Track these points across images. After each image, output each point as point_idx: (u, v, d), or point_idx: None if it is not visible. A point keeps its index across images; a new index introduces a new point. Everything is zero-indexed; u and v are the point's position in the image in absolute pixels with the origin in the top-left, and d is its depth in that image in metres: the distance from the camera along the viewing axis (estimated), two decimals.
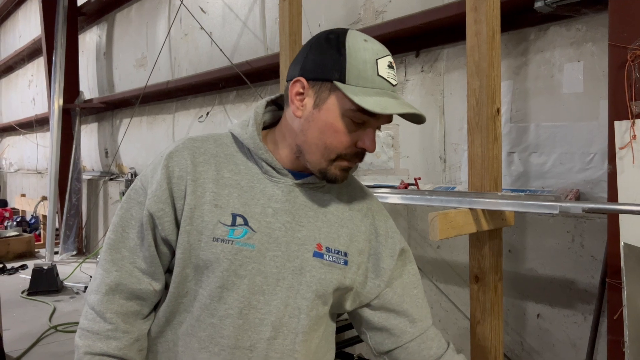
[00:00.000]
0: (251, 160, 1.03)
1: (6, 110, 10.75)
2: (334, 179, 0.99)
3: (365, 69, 0.93)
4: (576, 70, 2.14)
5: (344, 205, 1.08)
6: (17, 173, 10.07)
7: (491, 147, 1.76)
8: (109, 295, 0.99)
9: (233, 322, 0.96)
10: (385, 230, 1.11)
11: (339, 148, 0.96)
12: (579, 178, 2.15)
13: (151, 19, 5.46)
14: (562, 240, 2.18)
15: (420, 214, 2.77)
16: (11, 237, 6.54)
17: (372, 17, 2.98)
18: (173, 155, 1.01)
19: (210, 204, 0.98)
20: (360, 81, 0.93)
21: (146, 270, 1.00)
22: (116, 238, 1.01)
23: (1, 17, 10.49)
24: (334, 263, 1.01)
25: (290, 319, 0.98)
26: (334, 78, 0.94)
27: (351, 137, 0.96)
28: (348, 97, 0.92)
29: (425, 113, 2.71)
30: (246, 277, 0.96)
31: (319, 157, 0.98)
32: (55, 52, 6.17)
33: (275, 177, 1.02)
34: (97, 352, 0.97)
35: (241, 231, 0.97)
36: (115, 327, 0.98)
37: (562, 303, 2.19)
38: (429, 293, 2.74)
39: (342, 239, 1.04)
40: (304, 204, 1.03)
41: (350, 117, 0.94)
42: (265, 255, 0.97)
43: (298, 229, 1.00)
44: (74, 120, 6.40)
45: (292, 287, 0.98)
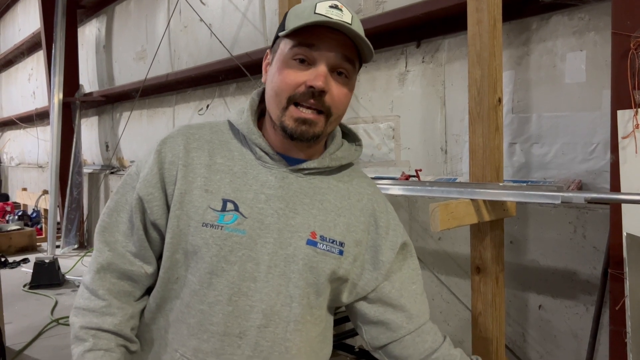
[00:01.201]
0: (246, 147, 1.03)
1: (6, 104, 10.74)
2: (290, 132, 0.97)
3: (303, 12, 0.95)
4: (579, 59, 2.12)
5: (343, 194, 1.06)
6: (18, 167, 10.07)
7: (493, 137, 1.75)
8: (101, 273, 0.99)
9: (222, 308, 0.94)
10: (387, 222, 1.09)
11: (285, 89, 0.95)
12: (581, 168, 2.14)
13: (150, 11, 5.43)
14: (564, 231, 2.17)
15: (422, 206, 2.76)
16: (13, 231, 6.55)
17: (373, 7, 2.96)
18: (167, 141, 1.02)
19: (201, 189, 0.97)
20: (297, 22, 0.94)
21: (137, 254, 1.00)
22: (110, 222, 1.02)
23: (0, 10, 10.45)
24: (328, 252, 0.99)
25: (282, 307, 0.97)
26: (278, 33, 0.99)
27: (296, 76, 0.95)
28: (284, 38, 0.96)
29: (427, 104, 2.72)
30: (236, 263, 0.95)
31: (274, 109, 0.98)
32: (54, 45, 6.14)
33: (269, 163, 1.01)
34: (93, 327, 0.97)
35: (231, 217, 0.96)
36: (109, 303, 0.98)
37: (564, 294, 2.19)
38: (430, 285, 2.73)
39: (339, 228, 1.02)
40: (299, 191, 1.01)
41: (292, 56, 0.95)
42: (257, 241, 0.96)
43: (292, 216, 0.98)
44: (74, 113, 6.38)
45: (284, 274, 0.97)
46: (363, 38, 0.95)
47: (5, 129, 10.74)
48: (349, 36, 0.95)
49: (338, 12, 0.94)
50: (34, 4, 7.94)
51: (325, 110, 0.97)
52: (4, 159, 10.83)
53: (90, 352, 0.94)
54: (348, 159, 1.09)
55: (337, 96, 0.97)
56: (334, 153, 1.06)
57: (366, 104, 3.06)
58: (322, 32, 0.94)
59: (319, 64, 0.95)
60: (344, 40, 0.95)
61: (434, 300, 2.70)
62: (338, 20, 0.93)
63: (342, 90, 0.98)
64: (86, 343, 0.95)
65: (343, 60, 0.96)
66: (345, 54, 0.96)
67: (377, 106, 3.01)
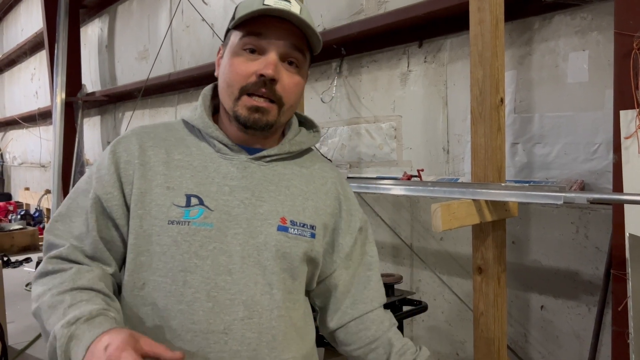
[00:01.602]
0: (203, 141, 1.03)
1: (9, 104, 10.76)
2: (243, 121, 0.97)
3: (252, 3, 0.95)
4: (581, 59, 2.11)
5: (308, 179, 1.07)
6: (20, 167, 10.09)
7: (495, 137, 1.75)
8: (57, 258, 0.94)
9: (202, 305, 0.92)
10: (348, 206, 1.10)
11: (237, 80, 0.96)
12: (583, 169, 2.13)
13: (152, 11, 5.44)
14: (566, 231, 2.16)
15: (423, 206, 2.75)
16: (15, 230, 6.56)
17: (375, 7, 2.96)
18: (121, 141, 1.01)
19: (162, 187, 0.96)
20: (244, 13, 0.95)
21: (92, 256, 0.97)
22: (63, 228, 0.98)
23: (3, 10, 10.47)
24: (299, 236, 1.00)
25: (263, 296, 0.95)
26: (229, 26, 1.01)
27: (247, 66, 0.96)
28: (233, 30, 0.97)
29: (429, 104, 2.71)
30: (208, 257, 0.93)
31: (227, 99, 0.99)
32: (57, 45, 6.15)
33: (228, 155, 1.01)
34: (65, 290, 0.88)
35: (197, 211, 0.94)
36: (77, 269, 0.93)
37: (566, 294, 2.18)
38: (432, 285, 2.73)
39: (308, 211, 1.03)
40: (263, 179, 1.01)
41: (242, 47, 0.96)
42: (226, 233, 0.95)
43: (259, 205, 0.98)
44: (76, 113, 6.39)
45: (258, 263, 0.96)
46: (310, 26, 0.96)
47: (8, 129, 10.76)
48: (297, 25, 0.96)
49: (286, 3, 0.95)
50: (37, 4, 7.95)
51: (277, 99, 0.97)
52: (6, 158, 10.85)
53: (71, 307, 0.85)
54: (307, 143, 1.10)
55: (288, 85, 0.98)
56: (293, 138, 1.07)
57: (368, 104, 3.06)
58: (270, 21, 0.95)
59: (269, 52, 0.96)
60: (292, 30, 0.96)
61: (435, 300, 2.69)
62: (285, 8, 0.94)
63: (293, 78, 0.99)
64: (64, 303, 0.86)
65: (292, 49, 0.97)
66: (295, 43, 0.97)
67: (379, 106, 3.00)
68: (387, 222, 2.94)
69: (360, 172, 3.13)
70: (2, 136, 11.17)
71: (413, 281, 2.84)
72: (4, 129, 10.98)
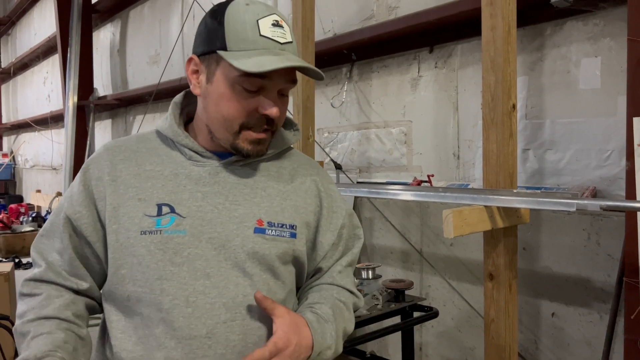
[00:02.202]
0: (175, 150, 1.03)
1: (22, 107, 10.88)
2: (246, 153, 0.98)
3: (245, 31, 0.92)
4: (593, 65, 2.11)
5: (286, 178, 1.06)
6: (32, 169, 10.19)
7: (506, 143, 1.74)
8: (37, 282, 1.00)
9: (182, 311, 0.92)
10: (329, 203, 1.09)
11: (237, 117, 0.95)
12: (595, 175, 2.12)
13: (164, 16, 5.48)
14: (578, 238, 2.15)
15: (433, 211, 2.75)
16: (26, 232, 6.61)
17: (386, 12, 2.96)
18: (93, 159, 1.04)
19: (134, 199, 0.97)
20: (242, 45, 0.92)
21: (70, 272, 1.01)
22: (47, 242, 1.03)
23: (17, 15, 10.60)
24: (277, 237, 0.99)
25: (245, 298, 0.95)
26: (217, 47, 0.94)
27: (248, 103, 0.95)
28: (230, 64, 0.91)
29: (439, 109, 2.71)
30: (184, 264, 0.94)
31: (223, 131, 0.98)
32: (69, 49, 6.22)
33: (200, 162, 1.01)
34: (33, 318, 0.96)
35: (168, 219, 0.95)
36: (47, 295, 0.99)
37: (577, 302, 2.17)
38: (442, 291, 2.72)
39: (287, 211, 1.02)
40: (237, 183, 1.01)
41: (240, 84, 0.94)
42: (201, 238, 0.95)
43: (234, 208, 0.98)
44: (88, 116, 6.45)
45: (236, 265, 0.96)
46: (313, 69, 0.96)
47: (20, 132, 10.87)
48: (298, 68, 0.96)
49: (280, 31, 0.94)
50: (50, 9, 8.05)
51: (275, 128, 1.01)
52: (18, 161, 10.97)
53: (33, 340, 0.92)
54: (286, 143, 1.09)
55: (283, 112, 1.00)
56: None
57: (378, 109, 3.06)
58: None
59: (270, 91, 0.96)
60: (292, 69, 0.96)
61: (445, 306, 2.68)
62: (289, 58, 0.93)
63: (285, 105, 1.01)
64: (29, 335, 0.94)
65: (289, 83, 0.98)
66: (292, 78, 0.98)
67: (389, 111, 3.01)
68: (397, 227, 2.94)
69: (370, 177, 3.13)
70: (15, 139, 11.29)
71: (423, 287, 2.84)
72: (17, 132, 11.10)
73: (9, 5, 11.01)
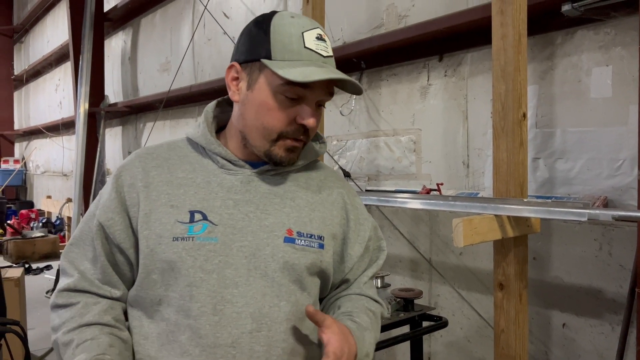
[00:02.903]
0: (206, 158, 1.04)
1: (34, 114, 11.02)
2: (279, 161, 0.99)
3: (291, 42, 0.94)
4: (604, 74, 2.10)
5: (314, 190, 1.07)
6: (43, 175, 10.29)
7: (517, 152, 1.74)
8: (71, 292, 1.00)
9: (208, 319, 0.92)
10: (356, 216, 1.11)
11: (277, 126, 0.97)
12: (607, 185, 2.10)
13: (175, 24, 5.54)
14: (589, 248, 2.13)
15: (443, 220, 2.74)
16: (37, 237, 6.68)
17: (395, 21, 2.97)
18: (125, 166, 1.04)
19: (166, 206, 0.97)
20: (287, 55, 0.94)
21: (102, 280, 1.01)
22: (78, 251, 1.02)
23: (30, 23, 10.76)
24: (307, 247, 1.00)
25: (271, 309, 0.95)
26: (261, 56, 0.96)
27: (288, 113, 0.96)
28: (274, 72, 0.93)
29: (449, 118, 2.71)
30: (214, 271, 0.94)
31: (260, 139, 0.98)
32: (81, 57, 6.29)
33: (232, 170, 1.02)
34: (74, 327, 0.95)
35: (200, 226, 0.96)
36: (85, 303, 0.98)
37: (588, 312, 2.14)
38: (451, 300, 2.70)
39: (315, 222, 1.03)
40: (268, 192, 1.02)
41: (282, 92, 0.95)
42: (231, 247, 0.95)
43: (264, 217, 0.99)
44: (99, 123, 6.51)
45: (266, 275, 0.96)
46: (354, 82, 0.98)
47: (32, 138, 11.00)
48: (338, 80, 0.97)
49: (323, 44, 0.97)
50: (63, 17, 8.16)
51: (308, 139, 1.02)
52: (30, 167, 11.08)
53: (79, 347, 0.92)
54: (314, 155, 1.10)
55: (318, 122, 1.01)
56: None
57: (387, 117, 3.06)
58: None
59: (309, 101, 0.97)
60: (331, 81, 0.98)
61: (454, 316, 2.66)
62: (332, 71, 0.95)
63: (320, 116, 1.02)
64: (72, 343, 0.93)
65: (327, 95, 1.00)
66: (331, 91, 1.00)
67: (398, 119, 3.01)
68: (406, 236, 2.93)
69: (379, 184, 3.12)
70: (27, 145, 11.42)
71: (431, 296, 2.82)
72: (28, 138, 11.23)
73: (23, 13, 11.18)
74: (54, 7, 9.44)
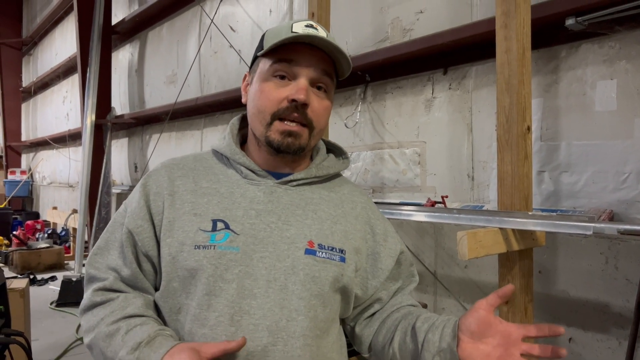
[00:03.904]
0: (231, 168, 1.05)
1: (41, 125, 11.11)
2: (277, 145, 0.99)
3: (280, 31, 0.98)
4: (609, 88, 2.10)
5: (336, 203, 1.07)
6: (49, 186, 10.34)
7: (521, 165, 1.74)
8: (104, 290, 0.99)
9: (225, 329, 0.91)
10: (384, 229, 1.10)
11: (269, 106, 0.98)
12: (612, 198, 2.09)
13: (182, 37, 5.59)
14: (595, 261, 2.12)
15: (448, 233, 2.73)
16: (42, 248, 6.69)
17: (400, 35, 2.99)
18: (151, 175, 1.06)
19: (190, 214, 0.98)
20: (275, 41, 0.98)
21: (134, 286, 1.00)
22: (102, 261, 1.01)
23: (39, 35, 10.89)
24: (328, 260, 0.98)
25: (288, 323, 0.93)
26: (257, 53, 1.03)
27: (279, 92, 0.98)
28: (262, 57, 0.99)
29: (453, 130, 2.71)
30: (234, 281, 0.93)
31: (258, 125, 1.00)
32: (89, 69, 6.36)
33: (255, 180, 1.02)
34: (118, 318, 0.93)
35: (222, 235, 0.95)
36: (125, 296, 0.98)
37: (595, 327, 2.12)
38: (456, 313, 2.68)
39: (337, 235, 1.02)
40: (290, 203, 1.01)
41: (272, 73, 0.98)
42: (252, 257, 0.94)
43: (286, 228, 0.98)
44: (105, 135, 6.55)
45: (285, 287, 0.94)
46: (341, 51, 0.98)
47: (39, 149, 11.07)
48: (326, 52, 0.99)
49: (314, 30, 0.98)
50: (71, 30, 8.26)
51: (308, 123, 0.99)
52: (36, 178, 11.14)
53: (129, 333, 0.90)
54: (335, 169, 1.10)
55: (318, 109, 1.00)
56: (321, 163, 1.08)
57: (392, 129, 3.07)
58: (300, 48, 0.98)
59: (300, 78, 0.98)
60: (322, 56, 0.99)
61: None
62: (317, 34, 0.96)
63: (322, 103, 1.01)
64: (121, 331, 0.91)
65: (322, 75, 1.00)
66: (324, 69, 1.00)
67: (402, 131, 3.01)
68: (411, 249, 2.92)
69: (384, 197, 3.12)
70: (33, 156, 11.50)
71: (436, 309, 2.80)
72: (35, 150, 11.31)
73: (32, 26, 11.32)
74: (63, 20, 9.56)
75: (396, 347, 1.02)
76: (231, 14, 4.71)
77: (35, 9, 11.34)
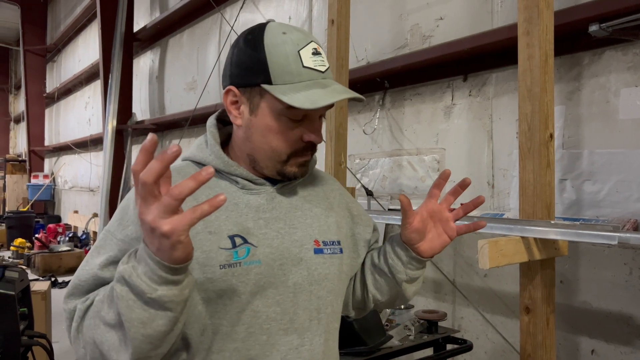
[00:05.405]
0: (223, 180, 1.00)
1: (64, 130, 11.32)
2: (293, 176, 1.00)
3: (288, 64, 0.92)
4: (634, 95, 2.06)
5: (322, 196, 1.10)
6: (71, 190, 10.51)
7: (544, 173, 1.71)
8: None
9: (257, 339, 0.93)
10: (358, 210, 1.17)
11: (286, 148, 0.97)
12: (636, 207, 2.05)
13: (202, 44, 5.66)
14: (619, 272, 2.07)
15: (467, 241, 2.70)
16: (63, 252, 6.80)
17: (419, 41, 2.99)
18: None
19: (204, 233, 0.93)
20: (287, 78, 0.92)
21: None
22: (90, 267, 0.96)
23: (63, 43, 11.13)
24: (333, 255, 1.03)
25: (312, 322, 0.98)
26: (260, 81, 0.93)
27: (294, 133, 0.96)
28: (277, 99, 0.91)
29: (473, 138, 2.69)
30: (257, 292, 0.94)
31: (270, 161, 0.99)
32: (111, 75, 6.47)
33: (254, 189, 1.00)
34: None
35: (244, 251, 0.94)
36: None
37: (618, 339, 2.08)
38: (475, 323, 2.65)
39: (332, 228, 1.06)
40: (290, 206, 1.02)
41: (286, 115, 0.94)
42: (272, 266, 0.95)
43: (293, 232, 1.00)
44: (126, 140, 6.65)
45: (304, 290, 0.98)
46: (358, 97, 0.97)
47: (61, 154, 11.28)
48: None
49: (320, 59, 0.95)
50: (94, 37, 8.42)
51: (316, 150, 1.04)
52: (58, 182, 11.34)
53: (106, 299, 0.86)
54: (314, 164, 1.13)
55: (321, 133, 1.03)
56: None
57: (410, 136, 3.06)
58: None
59: (313, 118, 0.98)
60: None
61: (478, 339, 2.61)
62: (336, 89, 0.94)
63: (321, 127, 1.04)
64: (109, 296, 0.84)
65: (327, 108, 0.99)
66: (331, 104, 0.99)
67: (421, 139, 3.00)
68: None
69: None
70: (56, 161, 11.71)
71: (455, 318, 2.77)
72: (58, 154, 11.52)
73: (56, 33, 11.57)
74: (86, 27, 9.75)
75: (373, 289, 1.13)
76: (251, 21, 4.76)
77: (59, 16, 11.59)
